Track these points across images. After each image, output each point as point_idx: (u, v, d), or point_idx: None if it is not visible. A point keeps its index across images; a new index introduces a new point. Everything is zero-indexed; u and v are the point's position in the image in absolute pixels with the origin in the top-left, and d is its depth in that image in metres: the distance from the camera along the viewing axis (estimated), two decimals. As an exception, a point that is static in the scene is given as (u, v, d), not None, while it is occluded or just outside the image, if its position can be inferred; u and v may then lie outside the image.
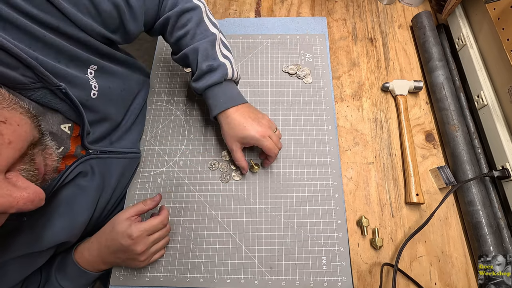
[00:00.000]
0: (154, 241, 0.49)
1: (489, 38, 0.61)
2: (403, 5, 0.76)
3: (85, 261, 0.49)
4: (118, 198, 0.57)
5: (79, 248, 0.50)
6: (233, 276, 0.51)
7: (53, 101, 0.40)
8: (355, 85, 0.67)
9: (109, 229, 0.48)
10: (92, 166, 0.48)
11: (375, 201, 0.56)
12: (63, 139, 0.42)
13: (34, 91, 0.37)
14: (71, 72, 0.41)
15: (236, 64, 0.69)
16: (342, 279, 0.50)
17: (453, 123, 0.58)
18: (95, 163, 0.49)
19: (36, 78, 0.37)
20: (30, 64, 0.35)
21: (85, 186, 0.46)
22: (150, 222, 0.48)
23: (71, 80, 0.41)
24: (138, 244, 0.47)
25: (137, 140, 0.61)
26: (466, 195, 0.53)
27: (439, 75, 0.63)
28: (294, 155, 0.60)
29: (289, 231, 0.54)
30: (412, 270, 0.51)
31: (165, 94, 0.67)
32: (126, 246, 0.46)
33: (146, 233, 0.47)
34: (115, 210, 0.58)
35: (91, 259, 0.49)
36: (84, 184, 0.46)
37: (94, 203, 0.49)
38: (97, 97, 0.46)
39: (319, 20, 0.74)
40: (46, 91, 0.38)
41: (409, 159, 0.58)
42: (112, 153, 0.52)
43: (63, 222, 0.44)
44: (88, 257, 0.49)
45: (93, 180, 0.48)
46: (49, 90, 0.39)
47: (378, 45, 0.71)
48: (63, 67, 0.40)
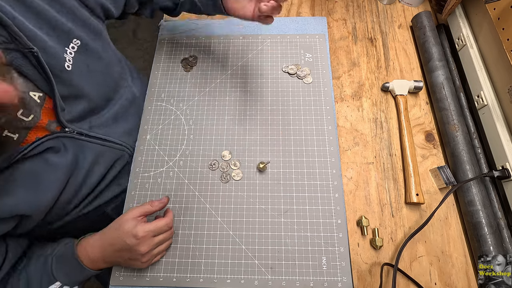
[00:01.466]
0: (158, 243, 0.49)
1: (489, 38, 0.61)
2: (403, 5, 0.76)
3: (86, 257, 0.48)
4: (96, 190, 0.55)
5: (82, 243, 0.49)
6: (233, 276, 0.51)
7: (24, 66, 0.40)
8: (355, 85, 0.67)
9: (114, 227, 0.48)
10: (66, 144, 0.47)
11: (375, 201, 0.56)
12: (32, 106, 0.42)
13: (6, 52, 0.37)
14: (49, 42, 0.41)
15: (236, 65, 0.70)
16: (342, 279, 0.50)
17: (453, 123, 0.58)
18: (69, 142, 0.48)
19: (9, 38, 0.37)
20: (5, 22, 0.36)
21: (55, 163, 0.46)
22: (156, 224, 0.48)
23: (46, 47, 0.41)
24: (143, 244, 0.47)
25: (123, 133, 0.59)
26: (466, 195, 0.53)
27: (439, 75, 0.63)
28: (294, 155, 0.60)
29: (289, 231, 0.54)
30: (412, 270, 0.51)
31: (165, 94, 0.67)
32: (130, 245, 0.46)
33: (152, 234, 0.47)
34: (94, 202, 0.56)
35: (93, 256, 0.48)
36: (55, 160, 0.46)
37: (63, 182, 0.48)
38: (72, 70, 0.45)
39: (319, 20, 0.74)
40: (18, 54, 0.38)
41: (409, 159, 0.58)
42: (90, 137, 0.51)
43: (27, 194, 0.43)
44: (91, 253, 0.48)
45: (64, 158, 0.47)
46: (22, 53, 0.39)
47: (378, 45, 0.71)
48: (42, 34, 0.40)
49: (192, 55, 0.71)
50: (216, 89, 0.67)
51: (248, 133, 0.62)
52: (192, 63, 0.70)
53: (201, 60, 0.70)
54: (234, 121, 0.63)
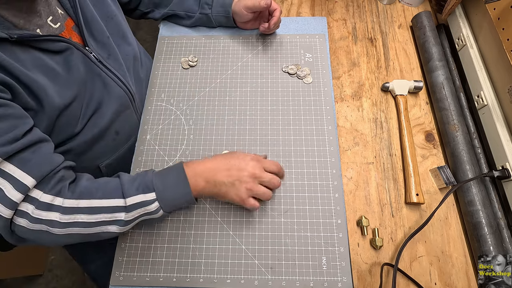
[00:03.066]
0: (266, 178, 0.50)
1: (489, 38, 0.61)
2: (403, 5, 0.76)
3: (191, 169, 0.49)
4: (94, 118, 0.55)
5: (187, 162, 0.51)
6: (233, 276, 0.51)
7: None
8: (355, 85, 0.67)
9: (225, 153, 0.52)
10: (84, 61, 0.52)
11: (375, 201, 0.56)
12: (58, 17, 0.50)
13: None
14: None
15: (236, 65, 0.70)
16: (342, 279, 0.50)
17: (453, 123, 0.58)
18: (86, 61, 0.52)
19: None
20: None
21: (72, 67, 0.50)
22: (269, 161, 0.52)
23: None
24: (254, 168, 0.49)
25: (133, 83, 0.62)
26: (466, 195, 0.53)
27: (439, 75, 0.63)
28: (294, 155, 0.60)
29: (289, 231, 0.54)
30: (412, 270, 0.51)
31: (165, 94, 0.67)
32: (241, 165, 0.49)
33: (262, 165, 0.50)
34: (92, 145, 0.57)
35: (199, 169, 0.49)
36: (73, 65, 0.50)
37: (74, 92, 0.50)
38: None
39: (319, 20, 0.74)
40: None
41: (409, 159, 0.58)
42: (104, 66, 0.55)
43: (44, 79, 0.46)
44: (197, 166, 0.49)
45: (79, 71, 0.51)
46: None
47: (378, 45, 0.71)
48: None
49: (192, 55, 0.71)
50: (216, 89, 0.67)
51: (248, 133, 0.62)
52: (192, 63, 0.70)
53: (201, 60, 0.70)
54: (234, 121, 0.63)
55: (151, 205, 0.46)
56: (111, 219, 0.45)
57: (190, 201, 0.49)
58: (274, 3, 0.63)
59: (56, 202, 0.43)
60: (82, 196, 0.45)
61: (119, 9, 0.63)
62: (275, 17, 0.64)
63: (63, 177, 0.46)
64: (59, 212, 0.43)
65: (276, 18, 0.64)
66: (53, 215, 0.43)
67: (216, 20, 0.71)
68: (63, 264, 1.27)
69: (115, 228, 0.46)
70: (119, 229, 0.47)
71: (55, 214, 0.43)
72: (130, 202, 0.45)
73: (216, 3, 0.69)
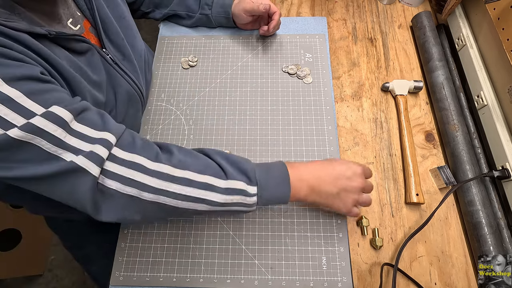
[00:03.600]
0: (369, 187, 0.49)
1: (489, 38, 0.61)
2: (403, 5, 0.76)
3: (296, 172, 0.45)
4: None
5: (290, 162, 0.47)
6: (233, 276, 0.51)
7: None
8: (355, 85, 0.67)
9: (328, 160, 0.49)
10: (103, 64, 0.51)
11: (375, 201, 0.56)
12: (78, 20, 0.50)
13: None
14: None
15: (236, 65, 0.70)
16: (342, 279, 0.50)
17: (453, 123, 0.58)
18: (104, 64, 0.52)
19: None
20: None
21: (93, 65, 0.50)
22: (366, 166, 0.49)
23: None
24: (361, 177, 0.47)
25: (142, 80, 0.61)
26: (466, 195, 0.53)
27: (439, 75, 0.63)
28: (294, 155, 0.60)
29: (289, 231, 0.54)
30: (412, 270, 0.51)
31: (165, 94, 0.67)
32: (348, 174, 0.46)
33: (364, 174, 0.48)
34: None
35: (305, 174, 0.45)
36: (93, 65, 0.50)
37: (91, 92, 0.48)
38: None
39: (319, 20, 0.74)
40: None
41: (409, 159, 0.58)
42: (120, 69, 0.55)
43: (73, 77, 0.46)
44: (302, 170, 0.45)
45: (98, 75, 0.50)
46: None
47: (378, 45, 0.71)
48: None
49: (192, 55, 0.71)
50: (216, 89, 0.67)
51: (248, 133, 0.62)
52: (192, 63, 0.70)
53: (201, 60, 0.70)
54: (234, 121, 0.63)
55: (251, 198, 0.43)
56: (205, 197, 0.41)
57: (283, 203, 0.47)
58: (273, 6, 0.63)
59: (150, 166, 0.40)
60: (179, 165, 0.41)
61: (127, 7, 0.63)
62: (274, 20, 0.64)
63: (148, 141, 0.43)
64: (153, 176, 0.39)
65: (275, 21, 0.64)
66: (147, 178, 0.39)
67: (216, 20, 0.71)
68: (63, 264, 1.27)
69: (205, 207, 0.42)
70: (209, 209, 0.42)
71: (149, 177, 0.39)
72: (231, 186, 0.42)
73: (216, 3, 0.69)
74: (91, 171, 0.36)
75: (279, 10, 0.64)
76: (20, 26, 0.38)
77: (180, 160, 0.42)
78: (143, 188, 0.39)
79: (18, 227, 1.12)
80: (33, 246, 1.20)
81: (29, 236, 1.15)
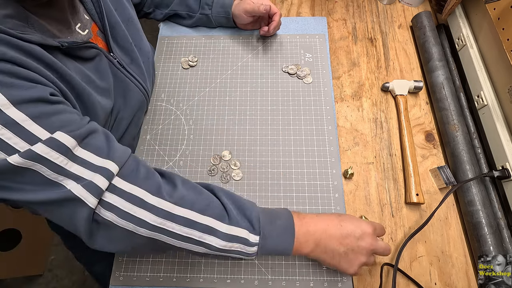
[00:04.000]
0: (380, 249, 0.45)
1: (489, 38, 0.61)
2: (403, 5, 0.76)
3: (303, 225, 0.42)
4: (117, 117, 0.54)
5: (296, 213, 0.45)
6: (233, 276, 0.51)
7: None
8: (355, 85, 0.67)
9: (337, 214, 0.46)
10: (111, 68, 0.51)
11: (375, 201, 0.56)
12: (86, 24, 0.49)
13: None
14: None
15: (236, 65, 0.70)
16: (342, 279, 0.50)
17: (453, 123, 0.58)
18: (112, 68, 0.51)
19: None
20: None
21: (101, 71, 0.49)
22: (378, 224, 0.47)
23: None
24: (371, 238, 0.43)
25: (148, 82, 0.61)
26: (466, 195, 0.53)
27: (439, 75, 0.63)
28: (294, 155, 0.60)
29: (289, 231, 0.54)
30: (412, 270, 0.51)
31: (165, 94, 0.67)
32: (357, 234, 0.43)
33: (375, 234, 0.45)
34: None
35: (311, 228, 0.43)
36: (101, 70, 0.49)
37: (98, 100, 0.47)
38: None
39: (319, 20, 0.74)
40: None
41: (409, 159, 0.58)
42: (128, 72, 0.55)
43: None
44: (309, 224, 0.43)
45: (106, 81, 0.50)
46: None
47: (378, 45, 0.71)
48: None
49: (192, 55, 0.71)
50: (216, 89, 0.67)
51: (248, 133, 0.62)
52: (192, 63, 0.70)
53: (201, 60, 0.70)
54: (234, 121, 0.63)
55: (252, 247, 0.41)
56: (204, 240, 0.39)
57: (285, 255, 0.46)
58: (274, 7, 0.63)
59: (150, 200, 0.38)
60: (180, 202, 0.40)
61: (134, 9, 0.63)
62: (275, 21, 0.64)
63: (151, 171, 0.41)
64: (152, 212, 0.38)
65: (275, 22, 0.65)
66: (145, 214, 0.38)
67: (216, 20, 0.71)
68: (63, 264, 1.27)
69: (202, 250, 0.40)
70: (206, 252, 0.41)
71: (147, 213, 0.38)
72: (232, 232, 0.40)
73: (216, 3, 0.69)
74: (88, 202, 0.36)
75: (279, 11, 0.64)
76: (34, 38, 0.37)
77: (182, 196, 0.40)
78: (139, 223, 0.38)
79: (18, 227, 1.12)
80: (33, 246, 1.20)
81: (29, 236, 1.15)
